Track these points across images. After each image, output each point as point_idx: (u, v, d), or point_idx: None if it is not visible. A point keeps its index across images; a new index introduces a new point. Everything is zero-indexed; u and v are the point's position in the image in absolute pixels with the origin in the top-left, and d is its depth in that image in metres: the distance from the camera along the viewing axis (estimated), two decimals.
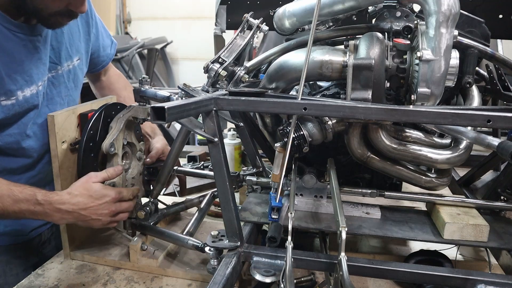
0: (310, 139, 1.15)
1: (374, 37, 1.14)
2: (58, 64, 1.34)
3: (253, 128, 1.45)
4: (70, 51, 1.39)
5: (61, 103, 1.38)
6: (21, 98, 1.21)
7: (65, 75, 1.38)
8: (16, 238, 1.39)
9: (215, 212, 1.64)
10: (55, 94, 1.35)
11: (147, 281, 1.23)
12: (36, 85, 1.25)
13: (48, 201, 1.11)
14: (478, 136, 1.06)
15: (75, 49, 1.42)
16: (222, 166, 1.02)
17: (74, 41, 1.41)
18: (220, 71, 1.20)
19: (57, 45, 1.33)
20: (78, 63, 1.44)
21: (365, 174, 1.37)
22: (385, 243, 1.42)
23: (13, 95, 1.18)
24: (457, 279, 0.97)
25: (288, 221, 0.93)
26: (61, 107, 1.37)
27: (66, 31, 1.36)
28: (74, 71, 1.43)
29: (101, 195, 1.15)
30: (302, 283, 1.19)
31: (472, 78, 1.16)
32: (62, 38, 1.35)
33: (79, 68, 1.46)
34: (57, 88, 1.35)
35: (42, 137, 1.31)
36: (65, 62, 1.37)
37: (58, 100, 1.37)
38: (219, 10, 1.88)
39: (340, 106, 0.97)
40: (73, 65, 1.42)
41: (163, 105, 0.82)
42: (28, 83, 1.22)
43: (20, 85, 1.19)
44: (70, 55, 1.39)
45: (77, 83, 1.48)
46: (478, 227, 1.11)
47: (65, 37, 1.36)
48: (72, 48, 1.40)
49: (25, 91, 1.21)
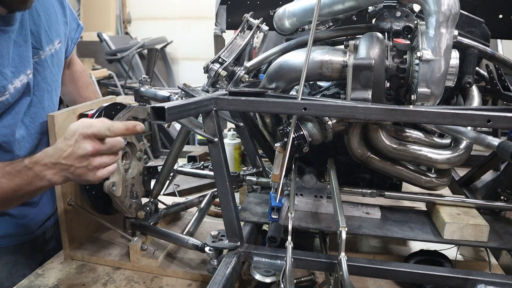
0: (310, 139, 1.15)
1: (374, 37, 1.14)
2: (39, 49, 1.29)
3: (253, 128, 1.45)
4: (50, 34, 1.33)
5: (48, 89, 1.34)
6: (13, 91, 1.19)
7: (48, 59, 1.33)
8: (23, 237, 1.38)
9: (215, 212, 1.64)
10: (40, 81, 1.30)
11: (147, 281, 1.23)
12: (25, 74, 1.22)
13: (34, 161, 1.04)
14: (478, 136, 1.06)
15: (55, 32, 1.37)
16: (222, 166, 1.02)
17: (52, 24, 1.35)
18: (220, 71, 1.20)
19: (36, 29, 1.27)
20: (59, 46, 1.39)
21: (365, 174, 1.37)
22: (385, 243, 1.42)
23: (5, 90, 1.16)
24: (457, 279, 0.97)
25: (288, 221, 0.93)
26: (48, 93, 1.34)
27: (42, 13, 1.30)
28: (57, 55, 1.38)
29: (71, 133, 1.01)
30: (302, 283, 1.19)
31: (472, 78, 1.16)
32: (39, 21, 1.29)
33: (61, 52, 1.41)
34: (41, 74, 1.31)
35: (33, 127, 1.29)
36: (47, 46, 1.32)
37: (45, 87, 1.33)
38: (219, 10, 1.88)
39: (340, 106, 0.97)
40: (55, 49, 1.37)
41: (163, 105, 0.82)
42: (16, 74, 1.19)
43: (9, 79, 1.17)
44: (50, 38, 1.34)
45: (61, 67, 1.43)
46: (478, 227, 1.11)
47: (43, 20, 1.30)
48: (51, 31, 1.34)
49: (15, 82, 1.19)
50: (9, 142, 1.24)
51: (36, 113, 1.31)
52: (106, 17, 6.36)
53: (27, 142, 1.29)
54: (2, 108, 1.18)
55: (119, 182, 1.25)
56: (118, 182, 1.24)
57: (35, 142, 1.32)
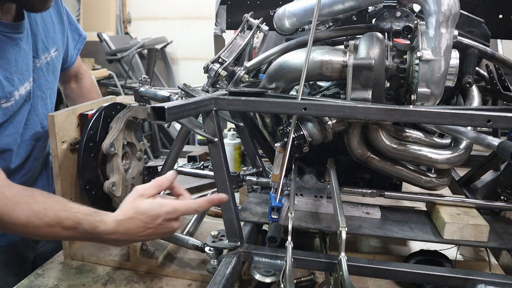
0: (310, 139, 1.15)
1: (374, 37, 1.14)
2: (35, 58, 1.30)
3: (253, 128, 1.45)
4: (46, 42, 1.34)
5: (43, 96, 1.35)
6: (18, 98, 1.20)
7: (44, 67, 1.34)
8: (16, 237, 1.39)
9: (215, 212, 1.64)
10: (35, 88, 1.30)
11: (147, 281, 1.23)
12: (28, 81, 1.24)
13: (97, 232, 0.95)
14: (478, 136, 1.06)
15: (51, 40, 1.37)
16: (222, 166, 1.02)
17: (49, 32, 1.36)
18: (220, 71, 1.20)
19: (33, 37, 1.28)
20: (55, 54, 1.40)
21: (365, 174, 1.37)
22: (385, 243, 1.42)
23: (12, 96, 1.18)
24: (457, 279, 0.97)
25: (288, 221, 0.93)
26: (42, 101, 1.35)
27: (40, 22, 1.31)
28: (53, 63, 1.39)
29: (152, 217, 0.95)
30: (302, 283, 1.19)
31: (472, 78, 1.15)
32: (37, 30, 1.30)
33: (57, 60, 1.42)
34: (36, 82, 1.31)
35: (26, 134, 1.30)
36: (42, 55, 1.33)
37: (39, 94, 1.33)
38: (219, 10, 1.88)
39: (340, 106, 0.97)
40: (51, 57, 1.38)
41: (163, 105, 0.82)
42: (22, 81, 1.21)
43: (16, 85, 1.19)
44: (46, 47, 1.35)
45: (57, 75, 1.44)
46: (478, 227, 1.11)
47: (40, 28, 1.31)
48: (47, 39, 1.35)
49: (20, 89, 1.21)
50: (11, 151, 1.25)
51: (30, 120, 1.31)
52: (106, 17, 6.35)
53: (21, 148, 1.30)
54: (8, 115, 1.18)
55: (119, 182, 1.25)
56: (118, 182, 1.24)
57: (29, 148, 1.33)
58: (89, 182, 1.27)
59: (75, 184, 1.30)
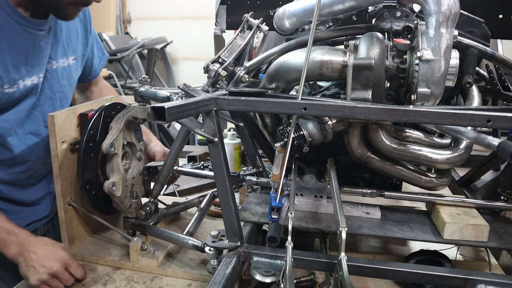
0: (310, 139, 1.15)
1: (374, 37, 1.14)
2: (53, 59, 1.41)
3: (253, 128, 1.45)
4: (66, 49, 1.45)
5: (53, 97, 1.43)
6: (21, 87, 1.27)
7: (59, 71, 1.43)
8: None
9: (215, 212, 1.64)
10: (46, 87, 1.39)
11: (147, 281, 1.23)
12: (37, 76, 1.32)
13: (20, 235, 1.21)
14: (478, 136, 1.06)
15: (72, 49, 1.49)
16: (222, 166, 1.02)
17: (71, 41, 1.48)
18: (220, 71, 1.20)
19: (55, 42, 1.40)
20: (73, 63, 1.50)
21: (365, 174, 1.37)
22: (385, 243, 1.42)
23: (15, 84, 1.25)
24: (457, 279, 0.97)
25: (288, 221, 0.93)
26: (51, 101, 1.42)
27: (64, 30, 1.43)
28: (69, 70, 1.49)
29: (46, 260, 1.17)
30: (302, 283, 1.19)
31: (472, 78, 1.15)
32: (60, 36, 1.42)
33: (74, 68, 1.52)
34: (49, 82, 1.40)
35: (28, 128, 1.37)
36: (61, 59, 1.43)
37: (49, 93, 1.41)
38: (219, 10, 1.88)
39: (340, 106, 0.97)
40: (68, 64, 1.48)
41: (163, 105, 0.82)
42: (30, 73, 1.29)
43: (22, 75, 1.26)
44: (66, 53, 1.46)
45: (71, 82, 1.53)
46: (478, 227, 1.11)
47: (63, 36, 1.43)
48: (68, 47, 1.46)
49: (26, 80, 1.28)
50: (4, 136, 1.30)
51: (34, 115, 1.38)
52: (106, 17, 6.35)
53: (21, 140, 1.35)
54: (7, 99, 1.25)
55: (119, 182, 1.25)
56: (118, 182, 1.24)
57: (30, 143, 1.38)
58: (89, 182, 1.28)
59: (75, 184, 1.30)
